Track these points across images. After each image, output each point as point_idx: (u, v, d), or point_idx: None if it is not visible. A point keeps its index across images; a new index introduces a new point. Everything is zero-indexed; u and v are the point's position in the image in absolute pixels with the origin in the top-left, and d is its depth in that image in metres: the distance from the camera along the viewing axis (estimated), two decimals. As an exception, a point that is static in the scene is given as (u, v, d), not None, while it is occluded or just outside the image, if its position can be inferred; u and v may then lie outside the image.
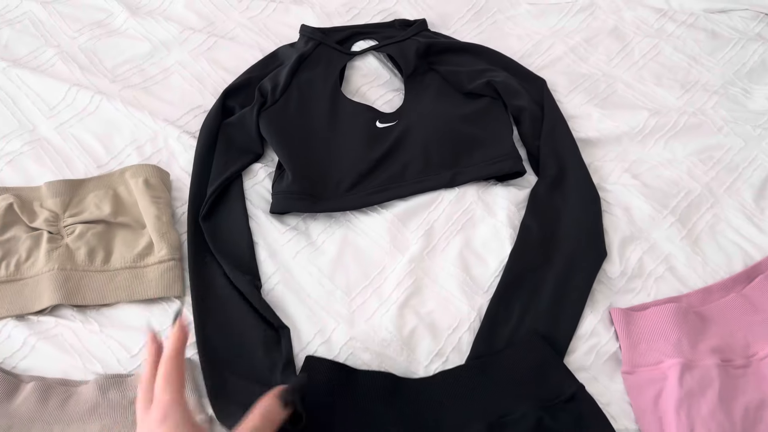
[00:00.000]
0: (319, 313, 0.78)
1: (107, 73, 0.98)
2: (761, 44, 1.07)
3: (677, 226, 0.85)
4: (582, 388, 0.71)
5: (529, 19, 1.11)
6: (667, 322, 0.76)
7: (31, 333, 0.74)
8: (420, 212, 0.85)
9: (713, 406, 0.70)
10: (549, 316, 0.77)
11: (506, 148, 0.89)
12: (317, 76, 0.95)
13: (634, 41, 1.07)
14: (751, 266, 0.83)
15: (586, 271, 0.80)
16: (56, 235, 0.80)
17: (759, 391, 0.72)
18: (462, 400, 0.71)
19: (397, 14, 1.09)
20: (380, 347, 0.75)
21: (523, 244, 0.82)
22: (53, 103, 0.93)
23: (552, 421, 0.69)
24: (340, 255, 0.82)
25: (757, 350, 0.75)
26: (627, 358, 0.75)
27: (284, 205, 0.83)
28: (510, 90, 0.95)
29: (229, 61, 1.00)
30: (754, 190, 0.90)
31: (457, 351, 0.76)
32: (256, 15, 1.08)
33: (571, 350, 0.76)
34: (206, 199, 0.83)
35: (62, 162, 0.88)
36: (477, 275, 0.81)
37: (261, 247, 0.82)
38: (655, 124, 0.95)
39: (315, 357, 0.73)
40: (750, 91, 1.02)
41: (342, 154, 0.88)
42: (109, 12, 1.07)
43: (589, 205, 0.85)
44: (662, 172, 0.91)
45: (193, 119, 0.93)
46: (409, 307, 0.78)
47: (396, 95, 0.99)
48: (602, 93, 1.00)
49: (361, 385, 0.71)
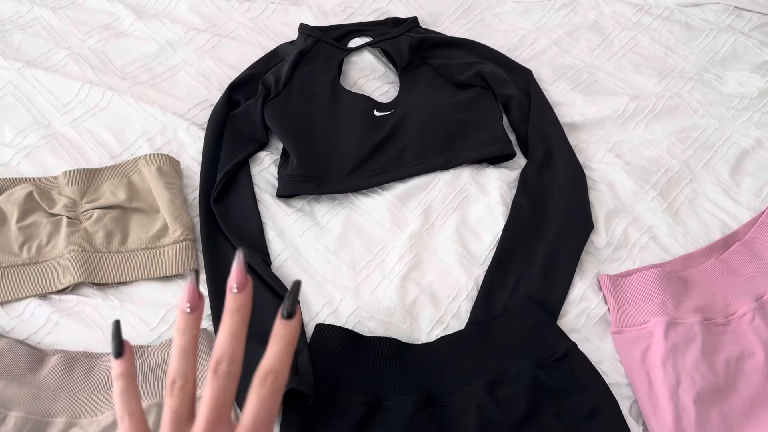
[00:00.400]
0: (326, 286, 0.82)
1: (117, 71, 1.04)
2: (732, 34, 1.14)
3: (659, 200, 0.91)
4: (574, 346, 0.76)
5: (514, 15, 1.18)
6: (651, 285, 0.81)
7: (54, 310, 0.78)
8: (418, 193, 0.91)
9: (696, 358, 0.75)
10: (541, 284, 0.82)
11: (497, 132, 0.95)
12: (317, 69, 1.01)
13: (613, 34, 1.14)
14: (729, 234, 0.89)
15: (574, 242, 0.86)
16: (75, 220, 0.84)
17: (739, 345, 0.77)
18: (462, 362, 0.76)
19: (390, 13, 1.16)
20: (385, 316, 0.80)
21: (515, 219, 0.88)
22: (66, 100, 0.98)
23: (547, 377, 0.74)
24: (344, 233, 0.87)
25: (736, 309, 0.81)
26: (615, 320, 0.80)
27: (290, 189, 0.89)
28: (498, 80, 1.00)
29: (233, 59, 1.06)
30: (730, 166, 0.96)
31: (457, 318, 0.81)
32: (257, 16, 1.14)
33: (563, 314, 0.81)
34: (216, 183, 0.88)
35: (77, 154, 0.93)
36: (473, 249, 0.86)
37: (269, 227, 0.87)
38: (635, 108, 1.01)
39: (324, 324, 0.77)
40: (722, 76, 1.08)
41: (343, 141, 0.94)
42: (116, 15, 1.12)
43: (576, 182, 0.91)
44: (643, 152, 0.97)
45: (201, 112, 0.99)
46: (411, 279, 0.83)
47: (391, 87, 1.04)
48: (585, 81, 1.06)
49: (369, 349, 0.76)
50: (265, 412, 0.34)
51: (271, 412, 0.35)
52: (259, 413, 0.34)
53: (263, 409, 0.34)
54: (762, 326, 0.78)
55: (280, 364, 0.34)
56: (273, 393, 0.34)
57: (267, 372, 0.34)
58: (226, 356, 0.34)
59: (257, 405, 0.34)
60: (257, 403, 0.34)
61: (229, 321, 0.35)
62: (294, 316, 0.34)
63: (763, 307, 0.80)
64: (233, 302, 0.35)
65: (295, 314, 0.34)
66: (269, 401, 0.34)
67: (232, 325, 0.35)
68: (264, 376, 0.34)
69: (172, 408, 0.35)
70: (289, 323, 0.34)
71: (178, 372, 0.35)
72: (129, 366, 0.36)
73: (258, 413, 0.34)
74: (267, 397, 0.34)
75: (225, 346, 0.34)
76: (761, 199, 0.92)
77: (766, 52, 1.12)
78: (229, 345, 0.34)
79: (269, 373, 0.34)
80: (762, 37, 1.15)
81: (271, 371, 0.34)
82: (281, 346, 0.34)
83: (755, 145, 0.98)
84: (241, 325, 0.35)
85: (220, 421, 0.35)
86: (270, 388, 0.34)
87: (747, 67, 1.10)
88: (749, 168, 0.96)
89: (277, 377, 0.34)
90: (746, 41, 1.14)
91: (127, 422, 0.36)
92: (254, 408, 0.34)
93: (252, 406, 0.34)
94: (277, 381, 0.34)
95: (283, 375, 0.35)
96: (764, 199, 0.93)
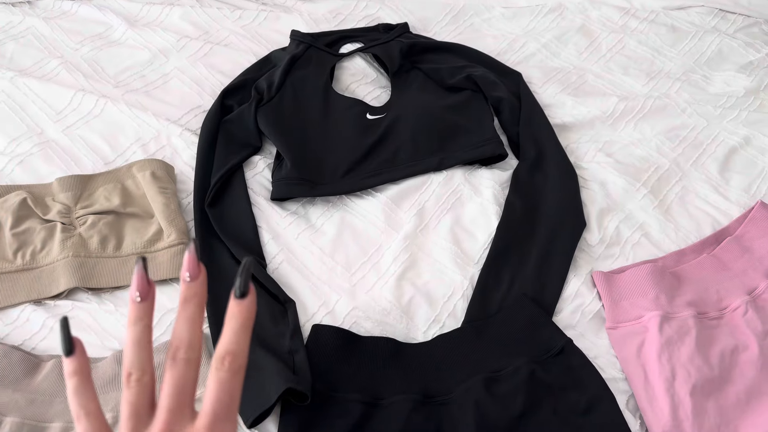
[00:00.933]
0: (322, 287, 0.83)
1: (110, 79, 1.04)
2: (717, 36, 1.16)
3: (650, 198, 0.92)
4: (570, 341, 0.76)
5: (502, 20, 1.19)
6: (644, 280, 0.82)
7: (49, 316, 0.78)
8: (411, 194, 0.91)
9: (691, 351, 0.75)
10: (536, 281, 0.83)
11: (488, 133, 0.96)
12: (309, 74, 1.02)
13: (601, 37, 1.16)
14: (719, 230, 0.90)
15: (567, 240, 0.86)
16: (69, 226, 0.84)
17: (732, 338, 0.78)
18: (459, 360, 0.76)
19: (381, 19, 1.17)
20: (381, 316, 0.80)
21: (509, 218, 0.88)
22: (60, 108, 0.99)
23: (544, 373, 0.74)
24: (339, 235, 0.87)
25: (729, 303, 0.82)
26: (610, 316, 0.81)
27: (284, 191, 0.89)
28: (489, 82, 1.02)
29: (225, 65, 1.07)
30: (719, 164, 0.97)
31: (453, 317, 0.81)
32: (249, 23, 1.15)
33: (558, 311, 0.81)
34: (211, 187, 0.88)
35: (71, 161, 0.93)
36: (467, 248, 0.87)
37: (264, 230, 0.87)
38: (624, 108, 1.03)
39: (321, 325, 0.77)
40: (709, 77, 1.10)
41: (336, 143, 0.94)
42: (109, 25, 1.13)
43: (567, 181, 0.92)
44: (633, 151, 0.98)
45: (194, 118, 0.99)
46: (406, 279, 0.83)
47: (383, 91, 1.05)
48: (574, 83, 1.08)
49: (366, 349, 0.76)
50: (226, 394, 0.34)
51: (233, 394, 0.34)
52: (219, 396, 0.33)
53: (224, 391, 0.34)
54: (755, 319, 0.79)
55: (237, 344, 0.34)
56: (232, 374, 0.34)
57: (224, 354, 0.34)
58: (184, 343, 0.34)
59: (217, 388, 0.33)
60: (217, 386, 0.33)
61: (185, 308, 0.34)
62: (247, 295, 0.34)
63: (755, 300, 0.81)
64: (187, 291, 0.34)
65: (249, 293, 0.34)
66: (229, 383, 0.34)
67: (188, 311, 0.34)
68: (221, 358, 0.34)
69: (130, 401, 0.34)
70: (242, 302, 0.34)
71: (134, 364, 0.34)
72: (81, 363, 0.35)
73: (218, 396, 0.33)
74: (226, 378, 0.33)
75: (182, 334, 0.34)
76: (750, 195, 0.94)
77: (751, 53, 1.14)
78: (186, 332, 0.34)
79: (226, 355, 0.34)
80: (747, 38, 1.17)
81: (227, 353, 0.34)
82: (236, 326, 0.34)
83: (743, 142, 0.99)
84: (197, 312, 0.35)
85: (181, 409, 0.34)
86: (228, 369, 0.33)
87: (733, 67, 1.11)
88: (738, 165, 0.97)
89: (234, 358, 0.34)
90: (731, 42, 1.16)
91: (84, 422, 0.34)
92: (214, 391, 0.33)
93: (212, 390, 0.34)
94: (235, 361, 0.34)
95: (242, 355, 0.34)
96: (753, 195, 0.94)
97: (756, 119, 1.02)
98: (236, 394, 0.34)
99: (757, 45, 1.15)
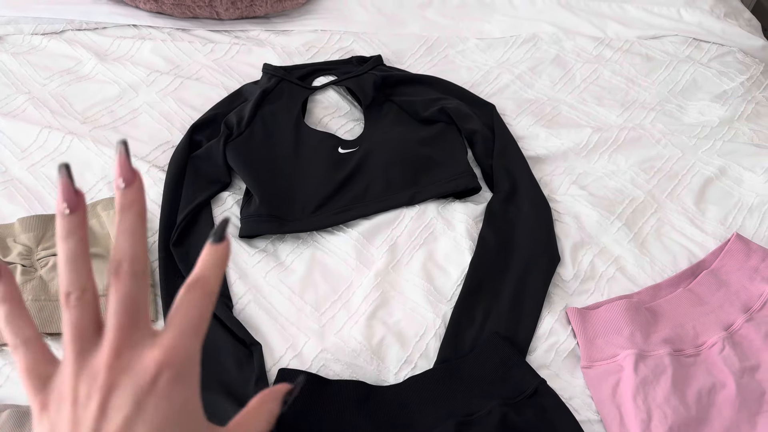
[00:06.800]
0: (290, 329, 0.80)
1: (77, 115, 1.02)
2: (691, 65, 1.16)
3: (624, 231, 0.91)
4: (544, 382, 0.74)
5: (477, 52, 1.19)
6: (619, 317, 0.80)
7: (5, 363, 0.75)
8: (383, 229, 0.90)
9: (667, 391, 0.73)
10: (509, 319, 0.81)
11: (461, 166, 0.95)
12: (280, 108, 1.01)
13: (575, 67, 1.15)
14: (696, 263, 0.88)
15: (541, 275, 0.85)
16: (30, 268, 0.82)
17: (710, 376, 0.76)
18: (431, 403, 0.74)
19: (354, 52, 1.16)
20: (351, 358, 0.78)
21: (482, 253, 0.87)
22: (25, 145, 0.97)
23: (517, 416, 0.72)
24: (309, 273, 0.85)
25: (706, 339, 0.80)
26: (585, 354, 0.79)
27: (253, 228, 0.87)
28: (462, 115, 1.01)
29: (195, 100, 1.05)
30: (694, 195, 0.96)
31: (425, 357, 0.79)
32: (220, 57, 1.14)
33: (532, 349, 0.80)
34: (177, 225, 0.86)
35: (34, 200, 0.91)
36: (440, 285, 0.85)
37: (231, 269, 0.85)
38: (599, 140, 1.02)
39: (288, 369, 0.75)
40: (684, 106, 1.10)
41: (307, 178, 0.93)
42: (78, 59, 1.11)
43: (541, 215, 0.91)
44: (607, 183, 0.97)
45: (162, 154, 0.97)
46: (377, 318, 0.81)
47: (356, 125, 1.04)
48: (548, 115, 1.07)
49: (334, 394, 0.74)
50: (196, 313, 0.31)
51: (202, 315, 0.31)
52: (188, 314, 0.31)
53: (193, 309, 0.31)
54: (732, 356, 0.77)
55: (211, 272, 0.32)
56: (204, 295, 0.31)
57: (196, 279, 0.31)
58: (127, 255, 0.31)
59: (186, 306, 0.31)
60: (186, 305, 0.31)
61: (123, 219, 0.31)
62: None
63: (732, 336, 0.80)
64: (123, 198, 0.31)
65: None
66: (200, 301, 0.31)
67: (126, 222, 0.31)
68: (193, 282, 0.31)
69: (72, 322, 0.30)
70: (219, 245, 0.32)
71: (72, 282, 0.31)
72: (10, 288, 0.32)
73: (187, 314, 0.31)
74: (197, 298, 0.31)
75: (123, 246, 0.31)
76: (726, 227, 0.93)
77: (725, 82, 1.14)
78: (128, 243, 0.31)
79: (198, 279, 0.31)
80: (721, 67, 1.17)
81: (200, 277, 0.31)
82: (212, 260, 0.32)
83: (718, 173, 0.99)
84: (138, 222, 0.31)
85: (134, 324, 0.30)
86: (201, 290, 0.31)
87: (707, 96, 1.11)
88: (713, 196, 0.96)
89: (207, 282, 0.31)
90: (705, 71, 1.16)
91: (23, 350, 0.31)
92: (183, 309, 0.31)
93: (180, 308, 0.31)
94: (207, 285, 0.31)
95: (215, 283, 0.32)
96: (729, 227, 0.93)
97: (731, 149, 1.02)
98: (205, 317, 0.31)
99: (731, 74, 1.15)
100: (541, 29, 1.22)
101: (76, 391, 0.30)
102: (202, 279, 0.31)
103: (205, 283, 0.31)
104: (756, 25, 1.32)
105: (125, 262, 0.31)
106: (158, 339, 0.30)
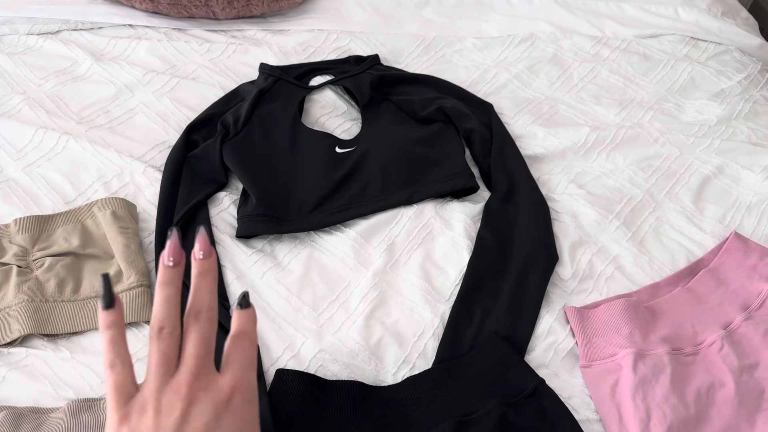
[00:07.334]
0: (288, 329, 0.80)
1: (73, 115, 1.02)
2: (689, 64, 1.16)
3: (623, 230, 0.91)
4: (542, 382, 0.74)
5: (474, 51, 1.19)
6: (618, 316, 0.80)
7: (1, 364, 0.74)
8: (381, 229, 0.89)
9: (666, 390, 0.73)
10: (508, 318, 0.81)
11: (459, 166, 0.95)
12: (277, 108, 1.00)
13: (572, 66, 1.15)
14: (694, 262, 0.88)
15: (540, 275, 0.84)
16: (25, 269, 0.81)
17: (709, 375, 0.76)
18: (429, 403, 0.74)
19: (351, 51, 1.16)
20: (348, 358, 0.77)
21: (480, 252, 0.87)
22: (20, 146, 0.96)
23: (516, 416, 0.72)
24: (307, 273, 0.85)
25: (705, 338, 0.80)
26: (583, 353, 0.79)
27: (250, 228, 0.87)
28: (460, 114, 1.00)
29: (192, 100, 1.05)
30: (692, 193, 0.96)
31: (423, 357, 0.78)
32: (217, 57, 1.13)
33: (531, 349, 0.79)
34: (173, 225, 0.85)
35: (30, 200, 0.90)
36: (438, 285, 0.85)
37: (228, 270, 0.84)
38: (596, 139, 1.02)
39: (285, 370, 0.74)
40: (682, 105, 1.10)
41: (304, 178, 0.92)
42: (74, 60, 1.11)
43: (539, 214, 0.90)
44: (605, 182, 0.97)
45: (158, 154, 0.97)
46: (375, 318, 0.81)
47: (353, 124, 1.04)
48: (546, 114, 1.07)
49: (332, 394, 0.73)
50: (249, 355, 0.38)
51: (253, 357, 0.39)
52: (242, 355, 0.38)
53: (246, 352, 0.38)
54: (731, 355, 0.77)
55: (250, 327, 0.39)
56: (211, 324, 0.38)
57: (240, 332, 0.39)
58: (205, 307, 0.38)
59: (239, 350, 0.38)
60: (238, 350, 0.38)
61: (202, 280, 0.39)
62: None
63: (731, 335, 0.80)
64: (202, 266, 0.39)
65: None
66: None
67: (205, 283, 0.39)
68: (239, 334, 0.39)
69: (162, 350, 0.37)
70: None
71: (166, 319, 0.38)
72: (119, 317, 0.38)
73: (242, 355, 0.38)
74: (246, 346, 0.38)
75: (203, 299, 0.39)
76: (725, 226, 0.92)
77: (723, 81, 1.14)
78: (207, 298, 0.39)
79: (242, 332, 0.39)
80: (718, 66, 1.17)
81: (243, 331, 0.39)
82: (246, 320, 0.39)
83: (716, 171, 0.99)
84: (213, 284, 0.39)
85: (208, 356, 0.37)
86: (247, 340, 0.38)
87: (705, 95, 1.11)
88: (712, 195, 0.96)
89: (249, 335, 0.39)
90: (703, 70, 1.15)
91: (119, 369, 0.37)
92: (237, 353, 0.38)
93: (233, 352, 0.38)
94: (250, 336, 0.39)
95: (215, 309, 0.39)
96: (728, 225, 0.93)
97: (729, 148, 1.02)
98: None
99: (728, 72, 1.15)
100: (538, 28, 1.22)
101: (159, 402, 0.36)
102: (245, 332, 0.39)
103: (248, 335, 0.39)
104: (753, 24, 1.32)
105: (204, 311, 0.39)
106: (226, 370, 0.38)
